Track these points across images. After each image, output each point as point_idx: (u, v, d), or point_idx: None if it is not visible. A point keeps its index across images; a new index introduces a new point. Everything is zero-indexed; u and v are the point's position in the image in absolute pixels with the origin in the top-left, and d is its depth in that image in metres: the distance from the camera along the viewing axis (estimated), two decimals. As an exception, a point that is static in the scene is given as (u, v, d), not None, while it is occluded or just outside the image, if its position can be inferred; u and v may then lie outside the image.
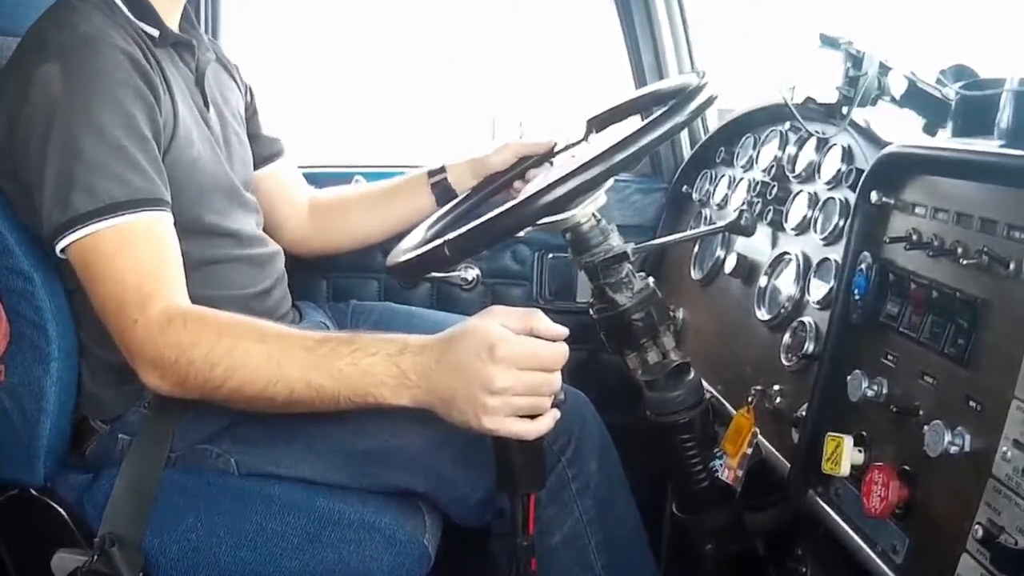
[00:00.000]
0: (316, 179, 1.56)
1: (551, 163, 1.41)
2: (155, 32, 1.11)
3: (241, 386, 0.95)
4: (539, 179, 1.25)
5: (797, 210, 1.23)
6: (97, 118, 0.98)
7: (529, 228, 1.03)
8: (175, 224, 1.04)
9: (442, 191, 1.44)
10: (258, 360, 0.95)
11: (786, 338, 1.12)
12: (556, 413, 0.95)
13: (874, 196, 0.95)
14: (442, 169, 1.45)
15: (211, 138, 1.18)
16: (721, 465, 1.09)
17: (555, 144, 1.41)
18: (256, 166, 1.36)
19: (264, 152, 1.40)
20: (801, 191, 1.24)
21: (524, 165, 1.42)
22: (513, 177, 1.42)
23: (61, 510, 1.09)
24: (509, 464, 0.96)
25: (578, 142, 1.37)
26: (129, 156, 0.99)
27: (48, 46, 1.01)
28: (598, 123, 1.34)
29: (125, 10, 1.09)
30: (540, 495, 1.06)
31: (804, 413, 1.01)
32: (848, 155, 1.16)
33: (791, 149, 1.31)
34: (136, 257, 0.99)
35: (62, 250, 1.00)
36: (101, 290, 0.99)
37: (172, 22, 1.15)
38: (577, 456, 1.09)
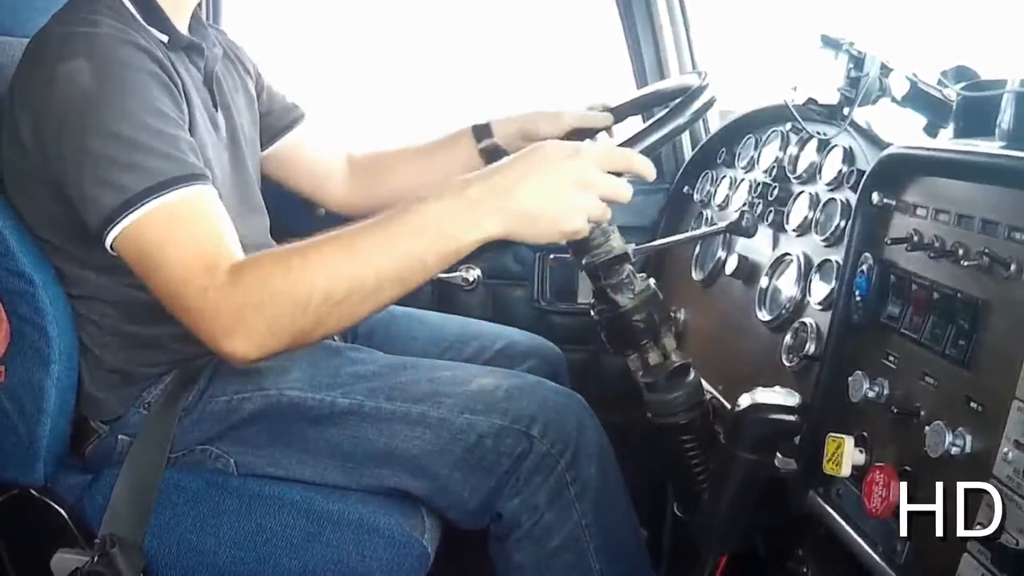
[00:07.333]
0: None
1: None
2: (164, 38, 1.09)
3: (328, 295, 0.91)
4: None
5: (798, 211, 1.23)
6: (132, 105, 0.97)
7: None
8: None
9: (491, 153, 1.43)
10: (333, 258, 0.92)
11: (787, 339, 1.12)
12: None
13: (875, 197, 0.95)
14: (487, 127, 1.45)
15: (219, 142, 1.18)
16: None
17: (612, 123, 1.42)
18: (278, 136, 1.40)
19: (284, 121, 1.41)
20: (802, 192, 1.24)
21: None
22: None
23: (61, 510, 1.10)
24: (714, 515, 0.96)
25: (599, 130, 1.41)
26: (169, 137, 0.99)
27: (70, 44, 0.99)
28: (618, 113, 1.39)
29: (136, 14, 1.07)
30: (540, 501, 1.06)
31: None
32: (849, 156, 1.16)
33: (792, 150, 1.31)
34: (196, 228, 0.96)
35: (113, 240, 0.96)
36: (165, 268, 0.95)
37: (182, 25, 1.14)
38: (576, 460, 1.09)
